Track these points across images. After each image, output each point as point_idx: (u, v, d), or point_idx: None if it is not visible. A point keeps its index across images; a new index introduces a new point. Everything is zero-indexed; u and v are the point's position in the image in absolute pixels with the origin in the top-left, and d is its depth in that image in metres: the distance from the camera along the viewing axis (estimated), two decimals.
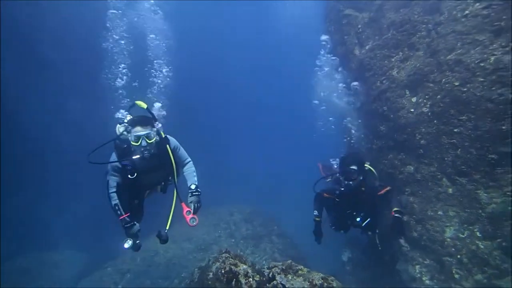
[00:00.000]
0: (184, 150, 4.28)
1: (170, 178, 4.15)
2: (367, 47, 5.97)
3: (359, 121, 6.32)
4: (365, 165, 5.03)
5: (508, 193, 4.16)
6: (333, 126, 7.46)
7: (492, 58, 4.42)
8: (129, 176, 3.81)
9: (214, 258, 4.14)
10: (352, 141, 6.39)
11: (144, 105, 3.89)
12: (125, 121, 3.90)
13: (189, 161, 4.30)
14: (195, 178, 4.15)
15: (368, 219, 4.94)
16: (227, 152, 22.37)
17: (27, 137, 14.88)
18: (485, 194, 4.33)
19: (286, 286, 3.43)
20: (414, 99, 5.17)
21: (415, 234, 4.93)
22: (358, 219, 4.97)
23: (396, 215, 4.65)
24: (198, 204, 3.93)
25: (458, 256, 4.36)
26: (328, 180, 5.66)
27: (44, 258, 10.78)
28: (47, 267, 10.22)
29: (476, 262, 4.19)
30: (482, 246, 4.21)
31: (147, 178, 4.00)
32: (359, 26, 6.18)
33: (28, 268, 10.26)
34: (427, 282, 4.64)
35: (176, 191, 4.02)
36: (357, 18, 6.24)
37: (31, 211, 13.53)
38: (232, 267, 3.63)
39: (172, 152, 3.95)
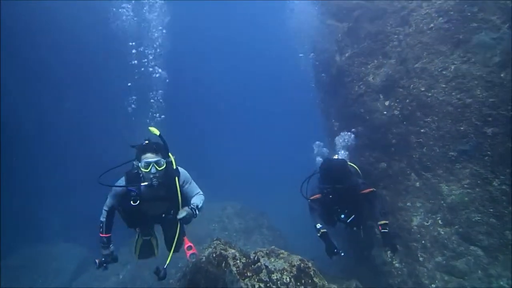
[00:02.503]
0: (195, 184, 4.09)
1: (172, 212, 3.98)
2: (346, 55, 6.54)
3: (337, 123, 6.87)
4: (349, 164, 5.43)
5: (465, 185, 4.77)
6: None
7: (452, 67, 5.03)
8: (131, 202, 3.71)
9: (207, 245, 4.67)
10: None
11: (157, 132, 3.76)
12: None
13: (199, 193, 4.08)
14: (201, 202, 3.93)
15: (353, 216, 5.02)
16: (217, 150, 22.93)
17: (24, 134, 15.31)
18: (446, 187, 4.93)
19: (269, 267, 3.99)
20: (387, 103, 5.75)
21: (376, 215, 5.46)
22: (342, 215, 5.00)
23: (383, 230, 4.57)
24: (188, 216, 3.67)
25: (423, 242, 4.95)
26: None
27: (43, 252, 11.10)
28: (47, 261, 10.60)
29: (437, 246, 4.78)
30: (442, 232, 4.81)
31: (149, 207, 3.88)
32: (339, 35, 6.75)
33: (28, 261, 10.63)
34: (397, 265, 5.22)
35: (180, 225, 3.90)
36: (337, 27, 6.80)
37: (28, 205, 13.93)
38: (222, 251, 4.17)
39: (180, 186, 3.81)
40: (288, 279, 3.86)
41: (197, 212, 3.78)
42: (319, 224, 4.91)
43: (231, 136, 27.52)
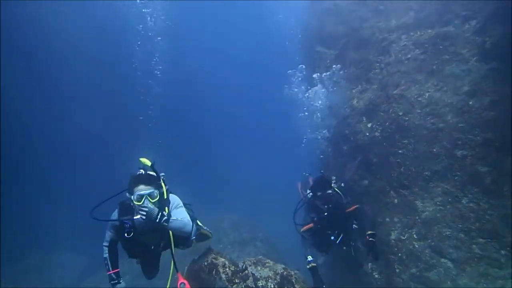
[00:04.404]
0: (183, 210, 3.94)
1: (162, 244, 3.93)
2: (334, 79, 7.07)
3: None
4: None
5: (438, 203, 5.22)
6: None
7: (427, 94, 5.55)
8: (125, 235, 3.68)
9: (199, 255, 5.10)
10: (321, 156, 7.35)
11: (149, 163, 3.77)
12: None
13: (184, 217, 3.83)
14: (177, 220, 3.67)
15: (342, 235, 5.22)
16: (217, 162, 23.23)
17: (30, 143, 15.78)
18: (421, 204, 5.38)
19: (255, 275, 4.42)
20: (369, 125, 6.24)
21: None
22: (332, 237, 5.21)
23: (370, 239, 5.00)
24: (149, 213, 3.42)
25: (399, 254, 5.36)
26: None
27: (47, 259, 11.54)
28: (51, 268, 11.01)
29: (412, 259, 5.19)
30: (417, 246, 5.22)
31: (143, 239, 3.80)
32: (328, 61, 7.31)
33: (32, 268, 11.03)
34: (376, 276, 5.63)
35: (173, 260, 3.77)
36: (326, 54, 7.37)
37: (33, 215, 14.32)
38: (213, 260, 4.60)
39: (169, 212, 3.75)
40: (272, 286, 4.29)
41: (161, 217, 3.48)
42: (310, 257, 5.12)
43: (232, 147, 27.72)
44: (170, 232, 3.73)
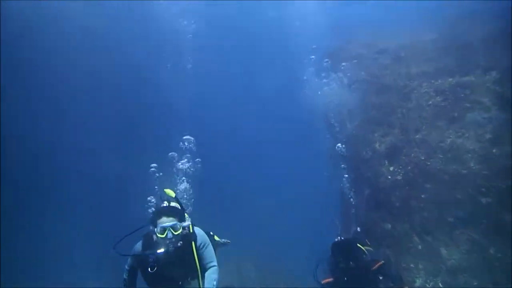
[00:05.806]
0: (211, 250, 3.83)
1: (190, 278, 3.81)
2: (356, 123, 7.29)
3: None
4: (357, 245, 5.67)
5: (463, 251, 5.12)
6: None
7: (448, 140, 5.64)
8: (149, 269, 3.54)
9: None
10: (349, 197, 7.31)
11: (173, 194, 3.76)
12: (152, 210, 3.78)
13: (212, 266, 3.72)
14: (214, 282, 3.57)
15: None
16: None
17: (44, 158, 15.97)
18: (446, 251, 5.28)
19: None
20: (391, 168, 6.31)
21: (391, 284, 5.78)
22: None
23: None
24: None
25: None
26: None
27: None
28: None
29: None
30: None
31: (166, 272, 3.65)
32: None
33: None
34: None
35: None
36: (348, 98, 7.65)
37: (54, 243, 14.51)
38: None
39: (197, 250, 3.65)
40: None
41: None
42: None
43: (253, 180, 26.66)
44: (197, 264, 3.60)
